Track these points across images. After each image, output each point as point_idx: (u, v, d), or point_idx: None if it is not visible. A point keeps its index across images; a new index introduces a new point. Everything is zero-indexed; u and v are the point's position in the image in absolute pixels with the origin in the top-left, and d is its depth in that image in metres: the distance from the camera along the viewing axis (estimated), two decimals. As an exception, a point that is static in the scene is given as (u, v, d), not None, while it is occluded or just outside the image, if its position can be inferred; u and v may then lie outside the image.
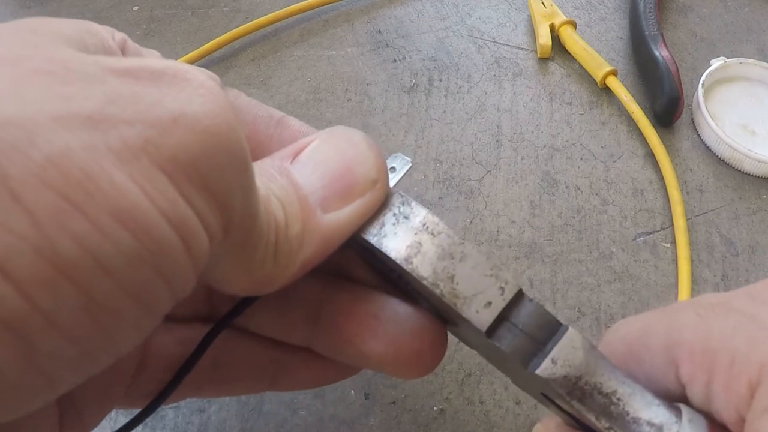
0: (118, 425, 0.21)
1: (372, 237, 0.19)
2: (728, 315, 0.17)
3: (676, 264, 0.35)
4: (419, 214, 0.19)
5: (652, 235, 0.37)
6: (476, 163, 0.39)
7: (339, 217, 0.18)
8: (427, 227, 0.18)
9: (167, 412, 0.30)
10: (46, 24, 0.15)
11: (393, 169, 0.23)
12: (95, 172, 0.12)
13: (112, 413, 0.29)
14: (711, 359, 0.16)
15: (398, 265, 0.18)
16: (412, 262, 0.18)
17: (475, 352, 0.32)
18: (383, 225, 0.19)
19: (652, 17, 0.44)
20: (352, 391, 0.31)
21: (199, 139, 0.13)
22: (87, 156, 0.12)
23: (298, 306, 0.23)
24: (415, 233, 0.18)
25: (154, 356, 0.23)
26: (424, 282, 0.18)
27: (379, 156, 0.20)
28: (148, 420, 0.29)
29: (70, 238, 0.12)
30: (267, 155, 0.20)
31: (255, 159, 0.22)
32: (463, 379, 0.31)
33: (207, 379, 0.23)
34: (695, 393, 0.17)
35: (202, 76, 0.15)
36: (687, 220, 0.37)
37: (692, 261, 0.35)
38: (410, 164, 0.23)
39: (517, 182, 0.38)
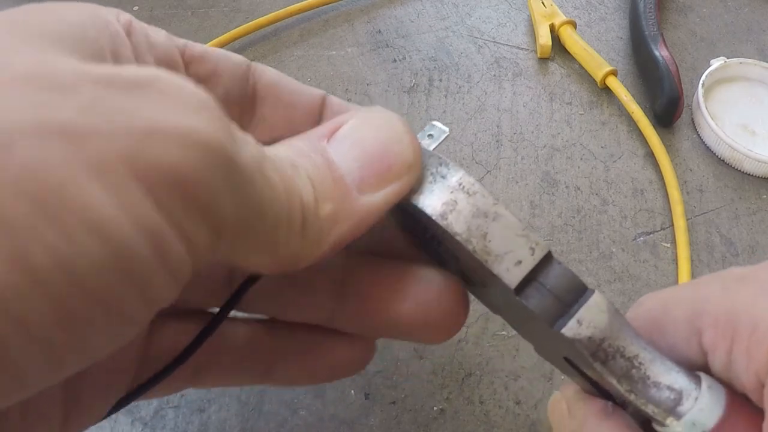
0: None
1: (410, 194, 0.19)
2: (752, 285, 0.17)
3: (676, 264, 0.35)
4: (456, 174, 0.19)
5: (652, 235, 0.37)
6: (476, 163, 0.39)
7: (374, 200, 0.18)
8: (463, 187, 0.19)
9: (167, 412, 0.30)
10: (39, 14, 0.15)
11: (431, 136, 0.23)
12: (69, 183, 0.12)
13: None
14: (733, 326, 0.17)
15: (433, 222, 0.18)
16: (447, 218, 0.18)
17: (477, 351, 0.32)
18: (421, 183, 0.19)
19: (652, 17, 0.44)
20: (352, 391, 0.31)
21: (176, 152, 0.13)
22: (61, 166, 0.12)
23: (324, 281, 0.23)
24: (451, 192, 0.19)
25: (159, 347, 0.23)
26: (458, 237, 0.18)
27: (415, 140, 0.20)
28: (149, 420, 0.29)
29: (43, 249, 0.12)
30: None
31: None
32: (463, 379, 0.31)
33: (201, 367, 0.23)
34: (717, 361, 0.17)
35: (185, 85, 0.14)
36: (687, 220, 0.37)
37: (692, 261, 0.35)
38: (447, 133, 0.23)
39: (517, 182, 0.38)
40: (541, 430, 0.30)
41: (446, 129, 0.23)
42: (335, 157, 0.18)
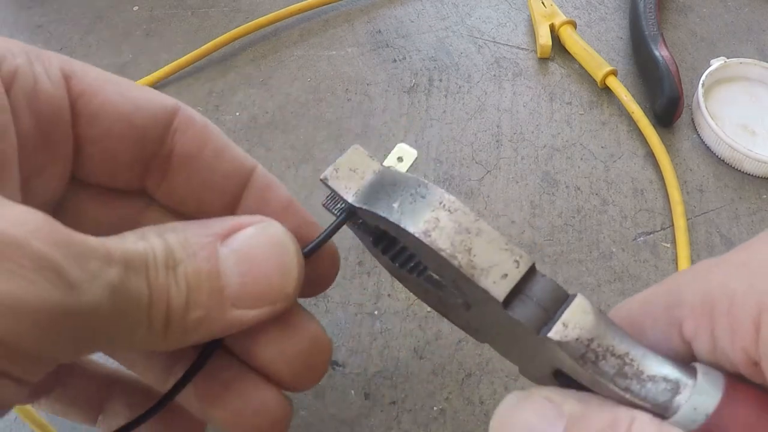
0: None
1: (391, 215, 0.19)
2: (724, 267, 0.17)
3: (676, 264, 0.35)
4: (435, 193, 0.19)
5: (652, 235, 0.37)
6: (476, 163, 0.39)
7: (244, 317, 0.19)
8: (444, 205, 0.19)
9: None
10: None
11: (400, 159, 0.24)
12: None
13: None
14: (710, 308, 0.17)
15: (416, 239, 0.19)
16: (430, 236, 0.18)
17: (477, 351, 0.32)
18: (401, 204, 0.19)
19: (652, 17, 0.44)
20: (352, 391, 0.31)
21: None
22: None
23: (160, 356, 0.23)
24: (433, 210, 0.19)
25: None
26: (443, 253, 0.18)
27: (301, 271, 0.20)
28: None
29: None
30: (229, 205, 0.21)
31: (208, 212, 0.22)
32: (463, 379, 0.31)
33: (40, 391, 0.24)
34: (701, 347, 0.17)
35: (21, 243, 0.14)
36: (687, 220, 0.37)
37: (692, 261, 0.35)
38: (416, 155, 0.24)
39: (517, 182, 0.38)
40: (541, 430, 0.30)
41: (415, 151, 0.24)
42: (222, 267, 0.18)
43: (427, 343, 0.32)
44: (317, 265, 0.23)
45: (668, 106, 0.40)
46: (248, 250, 0.19)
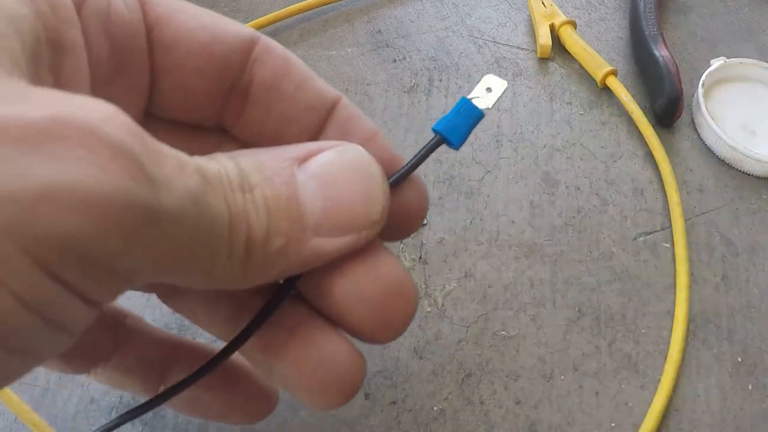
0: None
1: None
2: None
3: (675, 264, 0.35)
4: None
5: (652, 235, 0.37)
6: (476, 163, 0.39)
7: (327, 246, 0.18)
8: None
9: (167, 411, 0.30)
10: None
11: (489, 89, 0.22)
12: None
13: (116, 401, 0.29)
14: None
15: None
16: None
17: (477, 351, 0.32)
18: None
19: (652, 17, 0.44)
20: (352, 391, 0.31)
21: (70, 217, 0.12)
22: None
23: (225, 303, 0.22)
24: None
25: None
26: None
27: (387, 195, 0.18)
28: (148, 420, 0.29)
29: None
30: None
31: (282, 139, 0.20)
32: (463, 379, 0.31)
33: (99, 358, 0.23)
34: None
35: (94, 127, 0.13)
36: (687, 220, 0.37)
37: (692, 261, 0.35)
38: (506, 86, 0.22)
39: (517, 182, 0.38)
40: (541, 430, 0.30)
41: (504, 82, 0.22)
42: (301, 193, 0.17)
43: (427, 343, 0.32)
44: (403, 200, 0.20)
45: (668, 106, 0.40)
46: (328, 174, 0.17)
